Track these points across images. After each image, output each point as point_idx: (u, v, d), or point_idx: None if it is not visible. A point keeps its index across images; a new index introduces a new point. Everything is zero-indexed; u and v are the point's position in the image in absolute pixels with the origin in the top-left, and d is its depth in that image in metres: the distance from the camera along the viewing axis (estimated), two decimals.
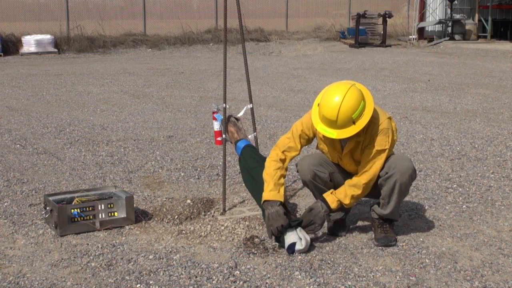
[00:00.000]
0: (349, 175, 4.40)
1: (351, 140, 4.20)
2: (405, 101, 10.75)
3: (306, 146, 4.67)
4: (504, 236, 4.47)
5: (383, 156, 4.16)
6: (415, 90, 12.17)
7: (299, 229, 4.20)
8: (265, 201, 4.25)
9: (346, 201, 4.22)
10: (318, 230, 4.31)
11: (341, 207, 4.28)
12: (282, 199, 4.23)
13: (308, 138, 4.36)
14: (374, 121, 4.14)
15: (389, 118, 4.23)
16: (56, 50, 20.21)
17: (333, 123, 4.03)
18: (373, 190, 4.28)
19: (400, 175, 4.12)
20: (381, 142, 4.15)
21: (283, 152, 4.34)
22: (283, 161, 4.33)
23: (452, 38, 24.63)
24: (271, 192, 4.24)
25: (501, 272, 3.86)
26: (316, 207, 4.29)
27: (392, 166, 4.14)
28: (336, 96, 4.00)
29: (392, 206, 4.24)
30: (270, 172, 4.29)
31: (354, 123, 4.02)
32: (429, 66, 16.67)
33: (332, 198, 4.25)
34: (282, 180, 4.29)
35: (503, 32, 25.42)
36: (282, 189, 4.26)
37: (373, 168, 4.18)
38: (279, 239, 4.23)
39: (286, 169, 4.38)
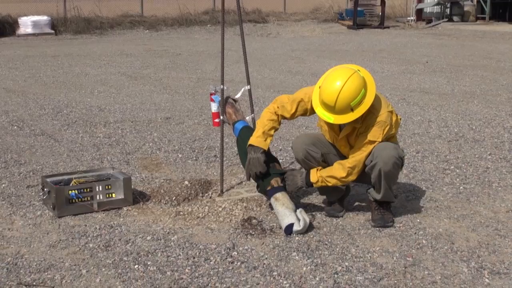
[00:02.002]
0: (343, 157, 4.40)
1: (348, 126, 4.20)
2: (403, 83, 10.74)
3: (304, 128, 4.67)
4: (500, 217, 4.48)
5: (372, 147, 4.16)
6: (413, 71, 12.15)
7: (299, 210, 4.22)
8: (249, 145, 4.32)
9: (328, 179, 4.24)
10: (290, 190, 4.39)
11: (336, 186, 4.30)
12: (266, 148, 4.30)
13: (306, 109, 4.33)
14: (373, 111, 4.12)
15: (391, 111, 4.18)
16: (53, 31, 20.11)
17: (331, 108, 4.03)
18: (364, 176, 4.28)
19: (383, 164, 4.10)
20: (374, 133, 4.14)
21: (278, 107, 4.36)
22: (277, 115, 4.35)
23: (450, 20, 24.53)
24: (258, 138, 4.29)
25: (497, 253, 3.87)
26: (297, 172, 4.38)
27: (375, 154, 4.13)
28: (337, 82, 3.98)
29: (383, 191, 4.24)
30: (263, 121, 4.34)
31: (352, 110, 4.01)
32: (427, 47, 16.63)
33: (314, 173, 4.30)
34: (272, 132, 4.34)
35: (501, 13, 25.32)
36: (269, 140, 4.32)
37: (360, 155, 4.18)
38: (258, 184, 4.40)
39: (279, 123, 4.39)
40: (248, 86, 5.04)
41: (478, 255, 3.84)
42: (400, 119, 4.35)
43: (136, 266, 3.67)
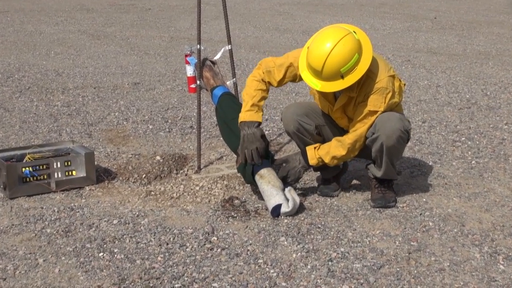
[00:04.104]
0: (341, 129, 4.40)
1: (343, 95, 4.18)
2: (407, 42, 10.74)
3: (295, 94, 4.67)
4: None
5: (374, 118, 4.16)
6: (419, 29, 12.15)
7: (288, 189, 4.22)
8: (241, 122, 4.25)
9: (327, 159, 4.24)
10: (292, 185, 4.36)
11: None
12: (260, 120, 4.25)
13: (295, 75, 4.29)
14: (371, 76, 4.10)
15: (392, 76, 4.15)
16: None
17: (318, 74, 4.01)
18: (364, 150, 4.28)
19: (386, 137, 4.10)
20: (375, 102, 4.12)
21: (263, 73, 4.33)
22: (265, 82, 4.33)
23: None
24: (248, 112, 4.24)
25: None
26: (292, 160, 4.33)
27: (378, 126, 4.11)
28: (327, 43, 3.95)
29: (384, 168, 4.25)
30: (250, 92, 4.29)
31: (342, 77, 3.98)
32: (435, 1, 16.61)
33: (313, 153, 4.27)
34: (262, 103, 4.30)
35: None
36: (260, 113, 4.28)
37: (361, 129, 4.17)
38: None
39: (268, 92, 4.36)
40: (229, 46, 5.02)
41: (492, 238, 3.88)
42: (404, 84, 4.34)
43: (101, 254, 3.68)
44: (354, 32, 4.03)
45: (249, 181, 4.41)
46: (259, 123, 4.25)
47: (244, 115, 4.24)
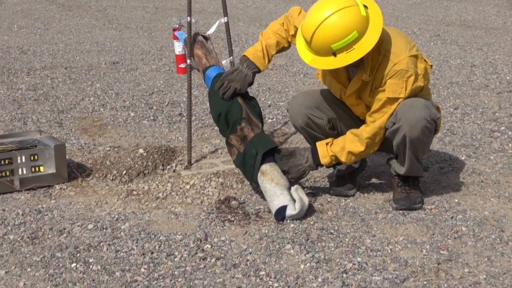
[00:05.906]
0: (358, 121, 4.38)
1: (356, 78, 4.17)
2: (436, 13, 10.72)
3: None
4: None
5: (395, 106, 4.13)
6: None
7: (294, 187, 4.22)
8: (245, 55, 4.39)
9: (343, 157, 4.22)
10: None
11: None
12: (262, 68, 4.39)
13: None
14: (388, 56, 4.06)
15: (415, 56, 4.11)
16: None
17: (308, 44, 4.03)
18: (387, 143, 4.26)
19: (409, 128, 4.06)
20: (394, 87, 4.09)
21: (286, 18, 4.40)
22: (285, 30, 4.39)
23: None
24: (256, 52, 4.36)
25: None
26: (300, 156, 4.33)
27: (399, 115, 4.08)
28: (323, 11, 3.94)
29: (408, 164, 4.23)
30: (266, 32, 4.42)
31: (334, 55, 3.98)
32: None
33: (325, 150, 4.26)
34: (273, 50, 4.40)
35: None
36: (268, 59, 4.40)
37: (380, 120, 4.15)
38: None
39: (288, 43, 4.43)
40: (225, 18, 5.02)
41: None
42: (431, 66, 4.31)
43: (74, 264, 3.68)
44: (365, 6, 4.00)
45: (250, 178, 4.39)
46: (259, 71, 4.38)
47: (252, 52, 4.38)
